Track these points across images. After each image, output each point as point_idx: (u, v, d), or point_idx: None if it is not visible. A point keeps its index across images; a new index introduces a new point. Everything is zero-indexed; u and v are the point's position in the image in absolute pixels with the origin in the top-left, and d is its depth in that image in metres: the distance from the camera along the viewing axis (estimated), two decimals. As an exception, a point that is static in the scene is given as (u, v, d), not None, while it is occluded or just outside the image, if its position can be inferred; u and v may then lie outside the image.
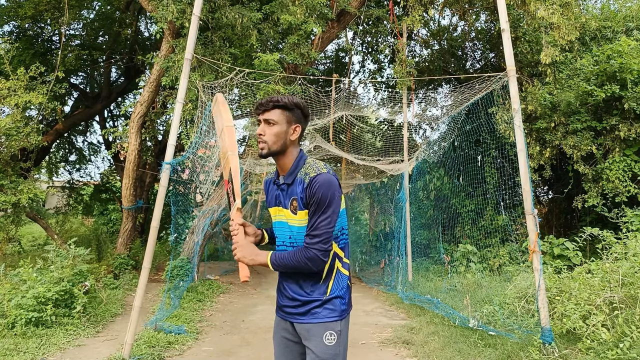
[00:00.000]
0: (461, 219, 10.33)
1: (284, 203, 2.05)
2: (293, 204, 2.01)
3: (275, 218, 2.13)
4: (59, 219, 13.23)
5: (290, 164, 2.06)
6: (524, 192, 4.55)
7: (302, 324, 2.04)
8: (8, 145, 8.04)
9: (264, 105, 2.03)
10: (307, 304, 2.02)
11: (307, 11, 7.94)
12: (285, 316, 2.11)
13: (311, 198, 1.94)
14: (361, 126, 10.50)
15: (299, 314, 2.04)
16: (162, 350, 4.72)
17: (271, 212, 2.16)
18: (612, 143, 7.99)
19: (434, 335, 5.30)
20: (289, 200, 2.03)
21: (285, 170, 2.07)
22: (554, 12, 7.48)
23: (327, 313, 2.02)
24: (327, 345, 1.99)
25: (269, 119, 2.02)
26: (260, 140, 2.02)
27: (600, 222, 7.97)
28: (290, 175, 2.04)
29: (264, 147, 2.02)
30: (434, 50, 12.85)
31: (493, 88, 6.46)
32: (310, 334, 2.01)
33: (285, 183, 2.05)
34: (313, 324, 2.01)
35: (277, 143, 2.02)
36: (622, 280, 4.46)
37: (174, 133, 4.83)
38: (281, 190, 2.07)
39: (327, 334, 2.00)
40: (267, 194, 2.19)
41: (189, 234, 9.02)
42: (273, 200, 2.13)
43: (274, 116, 2.02)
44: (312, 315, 2.02)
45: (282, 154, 2.05)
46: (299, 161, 2.07)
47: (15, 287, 5.53)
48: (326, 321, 2.01)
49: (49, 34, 11.60)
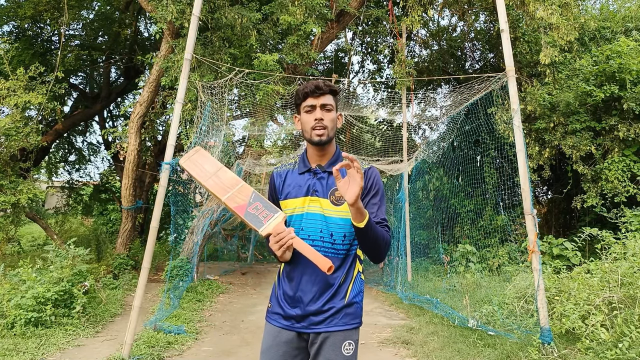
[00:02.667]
0: (460, 219, 10.33)
1: (323, 192, 1.91)
2: (336, 194, 1.89)
3: (303, 209, 1.92)
4: (59, 219, 13.22)
5: (333, 153, 1.98)
6: (523, 192, 4.55)
7: (317, 333, 1.86)
8: (7, 146, 8.03)
9: (321, 89, 1.90)
10: (325, 312, 1.86)
11: (307, 11, 7.94)
12: (292, 326, 1.89)
13: (372, 187, 1.91)
14: (360, 126, 10.50)
15: (314, 324, 1.86)
16: (161, 350, 4.72)
17: (295, 204, 1.95)
18: (611, 143, 8.00)
19: (433, 335, 5.30)
20: (330, 190, 1.90)
21: (326, 159, 1.96)
22: (553, 13, 7.49)
23: (347, 320, 1.87)
24: (345, 357, 1.84)
25: (327, 103, 1.91)
26: (320, 125, 1.88)
27: (600, 223, 7.98)
28: (333, 165, 1.92)
29: (324, 134, 1.89)
30: (433, 50, 12.86)
31: (492, 88, 6.46)
32: (327, 343, 1.84)
33: (327, 171, 1.93)
34: (331, 332, 1.85)
35: (334, 129, 1.93)
36: (621, 281, 4.47)
37: (173, 133, 4.83)
38: (320, 179, 1.93)
39: (345, 343, 1.85)
40: (282, 185, 2.01)
41: (189, 234, 9.02)
42: (301, 190, 1.94)
43: (330, 101, 1.92)
44: (329, 323, 1.85)
45: (330, 142, 1.95)
46: (339, 151, 2.00)
47: (15, 287, 5.53)
48: (346, 329, 1.86)
49: (48, 34, 11.60)
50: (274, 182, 2.05)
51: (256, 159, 9.10)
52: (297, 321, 1.88)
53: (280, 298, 1.95)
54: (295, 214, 1.94)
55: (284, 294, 1.94)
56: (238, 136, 13.33)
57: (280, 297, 1.95)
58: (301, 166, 1.99)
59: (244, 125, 10.38)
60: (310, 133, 1.90)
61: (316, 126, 1.88)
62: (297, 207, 1.93)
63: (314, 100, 1.90)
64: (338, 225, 1.89)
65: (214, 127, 6.63)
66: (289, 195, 1.96)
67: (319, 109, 1.90)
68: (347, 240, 1.90)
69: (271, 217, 1.83)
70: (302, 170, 1.98)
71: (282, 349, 1.90)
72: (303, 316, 1.87)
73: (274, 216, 1.83)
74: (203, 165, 1.98)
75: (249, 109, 8.45)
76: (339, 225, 1.89)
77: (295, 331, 1.89)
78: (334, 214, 1.89)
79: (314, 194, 1.91)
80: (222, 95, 6.74)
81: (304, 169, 1.98)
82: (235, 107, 9.09)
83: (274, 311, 1.97)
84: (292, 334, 1.90)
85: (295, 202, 1.94)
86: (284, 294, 1.94)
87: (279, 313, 1.93)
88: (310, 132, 1.90)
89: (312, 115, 1.90)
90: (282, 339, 1.91)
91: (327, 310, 1.85)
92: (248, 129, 9.25)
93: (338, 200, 1.88)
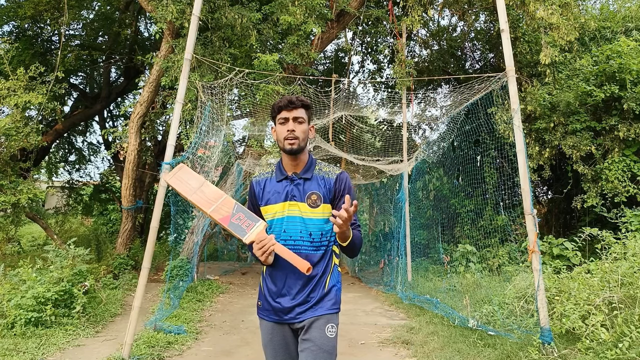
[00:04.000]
0: (460, 219, 10.33)
1: (300, 197, 2.14)
2: (312, 197, 2.13)
3: (284, 213, 2.15)
4: (59, 219, 13.23)
5: (306, 161, 2.20)
6: (523, 192, 4.55)
7: (303, 321, 2.09)
8: (8, 146, 8.03)
9: (294, 104, 2.13)
10: (308, 302, 2.09)
11: (307, 11, 7.94)
12: (282, 319, 2.13)
13: (344, 190, 2.16)
14: (360, 126, 10.51)
15: (300, 313, 2.09)
16: (161, 350, 4.72)
17: (275, 209, 2.17)
18: (611, 143, 8.00)
19: (433, 335, 5.30)
20: (306, 194, 2.14)
21: (300, 167, 2.19)
22: (553, 13, 7.49)
23: (329, 305, 2.12)
24: (328, 337, 2.07)
25: (299, 116, 2.13)
26: (292, 136, 2.11)
27: (600, 222, 7.97)
28: (307, 172, 2.18)
29: (295, 143, 2.11)
30: (433, 50, 12.86)
31: (492, 88, 6.46)
32: (312, 327, 2.07)
33: (302, 178, 2.16)
34: (315, 317, 2.08)
35: (305, 140, 2.15)
36: (621, 280, 4.46)
37: (173, 133, 4.83)
38: (296, 185, 2.16)
39: (328, 326, 2.09)
40: (261, 192, 2.23)
41: (189, 234, 9.01)
42: (280, 196, 2.16)
43: (302, 114, 2.15)
44: (314, 309, 2.09)
45: (302, 151, 2.16)
46: (312, 159, 2.24)
47: (15, 287, 5.53)
48: (327, 313, 2.10)
49: (48, 34, 11.60)
50: (253, 190, 2.27)
51: (256, 159, 9.09)
52: (285, 314, 2.11)
53: (267, 296, 2.17)
54: (276, 217, 2.16)
55: (269, 291, 2.17)
56: (238, 136, 13.36)
57: (266, 295, 2.18)
58: (278, 174, 2.22)
59: (244, 125, 10.38)
60: (284, 143, 2.13)
61: (288, 136, 2.11)
62: (277, 212, 2.16)
63: (287, 113, 2.13)
64: (315, 225, 2.13)
65: (214, 127, 6.63)
66: (269, 201, 2.19)
67: (292, 121, 2.12)
68: (324, 237, 2.15)
69: (253, 225, 2.02)
70: (279, 178, 2.20)
71: (279, 340, 2.16)
72: (290, 308, 2.10)
73: (255, 225, 2.02)
74: (188, 182, 2.16)
75: (249, 109, 8.44)
76: (316, 225, 2.13)
77: (286, 323, 2.14)
78: (311, 215, 2.13)
79: (292, 198, 2.15)
80: (222, 95, 6.73)
81: (281, 177, 2.20)
82: (235, 107, 9.09)
83: (263, 307, 2.20)
84: (284, 326, 2.15)
85: (275, 207, 2.17)
86: (269, 291, 2.17)
87: (268, 309, 2.17)
88: (284, 142, 2.13)
89: (285, 126, 2.13)
90: (276, 332, 2.16)
91: (310, 300, 2.10)
92: (248, 129, 9.25)
93: (314, 203, 2.14)
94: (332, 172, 2.20)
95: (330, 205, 2.16)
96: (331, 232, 2.17)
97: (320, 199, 2.13)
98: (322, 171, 2.21)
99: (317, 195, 2.13)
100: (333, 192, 2.16)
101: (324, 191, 2.15)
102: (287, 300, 2.11)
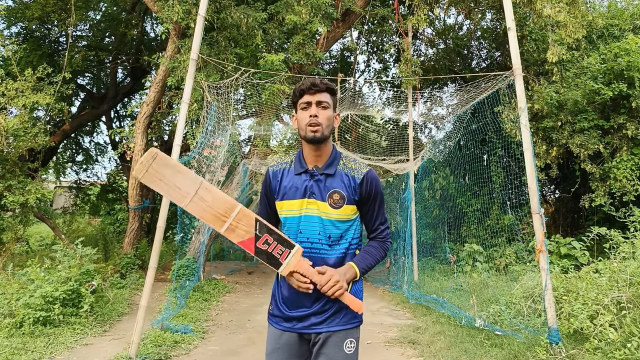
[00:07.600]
0: (467, 218, 10.29)
1: (321, 195, 1.88)
2: (333, 197, 1.87)
3: (301, 212, 1.90)
4: (66, 219, 13.33)
5: (329, 154, 1.94)
6: (531, 191, 4.52)
7: (318, 333, 1.88)
8: (16, 146, 8.10)
9: (317, 86, 1.87)
10: (325, 312, 1.87)
11: (312, 11, 7.93)
12: (294, 328, 1.90)
13: (371, 193, 1.91)
14: (366, 125, 10.48)
15: (315, 324, 1.87)
16: (168, 349, 4.74)
17: (291, 205, 1.92)
18: (619, 142, 7.93)
19: (440, 335, 5.28)
20: (327, 193, 1.88)
21: (323, 159, 1.92)
22: (560, 10, 7.43)
23: (348, 319, 1.89)
24: (347, 354, 1.87)
25: (323, 100, 1.87)
26: (314, 122, 1.84)
27: (608, 222, 7.91)
28: (330, 167, 1.91)
29: (318, 130, 1.84)
30: (439, 49, 12.82)
31: (499, 87, 6.42)
32: (328, 342, 1.86)
33: (324, 173, 1.90)
34: (333, 332, 1.86)
35: (329, 128, 1.89)
36: (629, 280, 4.43)
37: (179, 133, 4.84)
38: (317, 181, 1.89)
39: (347, 342, 1.88)
40: (278, 186, 1.96)
41: (195, 233, 9.05)
42: (298, 192, 1.90)
43: (327, 98, 1.89)
44: (330, 323, 1.87)
45: (326, 140, 1.90)
46: (336, 151, 1.96)
47: (23, 286, 5.57)
48: (347, 328, 1.88)
49: (56, 35, 11.69)
50: (269, 181, 2.00)
51: (262, 158, 9.11)
52: (298, 322, 1.89)
53: (280, 301, 1.95)
54: (292, 215, 1.91)
55: (283, 297, 1.94)
56: (244, 136, 13.36)
57: (279, 300, 1.95)
58: (297, 166, 1.95)
59: (250, 124, 10.39)
60: (305, 130, 1.86)
61: (311, 122, 1.85)
62: (294, 209, 1.91)
63: (310, 97, 1.87)
64: (336, 227, 1.88)
65: (220, 126, 6.64)
66: (285, 196, 1.93)
67: (315, 105, 1.87)
68: (344, 240, 1.91)
69: (287, 253, 1.74)
70: (298, 171, 1.93)
71: (286, 351, 1.91)
72: (304, 317, 1.88)
73: (290, 252, 1.74)
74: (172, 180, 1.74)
75: (254, 108, 8.45)
76: (336, 227, 1.88)
77: (297, 332, 1.90)
78: (332, 216, 1.87)
79: (311, 196, 1.88)
80: (228, 95, 6.74)
81: (300, 169, 1.93)
82: (241, 106, 9.10)
83: (274, 314, 1.98)
84: (293, 335, 1.91)
85: (292, 203, 1.91)
86: (283, 297, 1.94)
87: (279, 316, 1.94)
88: (305, 129, 1.86)
89: (308, 112, 1.87)
90: (284, 341, 1.92)
91: (328, 310, 1.87)
92: (254, 128, 9.26)
93: (336, 204, 1.87)
94: (359, 170, 1.91)
95: (355, 207, 1.90)
96: (353, 235, 1.93)
97: (343, 200, 1.87)
98: (347, 167, 1.93)
99: (340, 194, 1.87)
100: (359, 194, 1.89)
101: (348, 191, 1.88)
102: (302, 308, 1.88)
